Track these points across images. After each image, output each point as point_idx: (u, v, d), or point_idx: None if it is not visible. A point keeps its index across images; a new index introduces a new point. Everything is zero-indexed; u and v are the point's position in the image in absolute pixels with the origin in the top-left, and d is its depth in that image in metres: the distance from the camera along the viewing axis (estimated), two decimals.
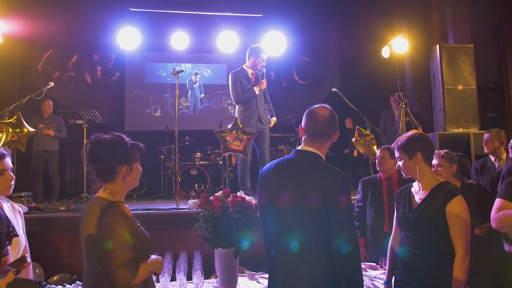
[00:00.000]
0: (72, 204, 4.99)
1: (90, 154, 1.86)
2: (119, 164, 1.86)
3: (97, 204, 1.81)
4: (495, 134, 4.11)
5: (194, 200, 2.76)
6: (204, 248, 2.65)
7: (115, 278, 1.71)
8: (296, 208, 1.82)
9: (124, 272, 1.73)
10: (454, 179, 3.22)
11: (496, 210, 2.22)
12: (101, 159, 1.85)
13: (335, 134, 1.96)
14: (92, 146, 1.86)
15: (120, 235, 1.74)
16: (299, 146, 2.02)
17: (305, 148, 1.93)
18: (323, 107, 1.97)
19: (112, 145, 1.86)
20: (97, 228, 1.73)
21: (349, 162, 7.59)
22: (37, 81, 7.83)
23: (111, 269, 1.71)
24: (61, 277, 3.85)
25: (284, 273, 1.82)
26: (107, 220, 1.74)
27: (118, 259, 1.72)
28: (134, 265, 1.78)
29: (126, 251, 1.75)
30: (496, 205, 2.24)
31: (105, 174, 1.86)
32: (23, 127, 4.89)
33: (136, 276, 1.77)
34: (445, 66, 5.95)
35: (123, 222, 1.77)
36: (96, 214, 1.76)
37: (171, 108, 8.79)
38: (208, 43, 8.12)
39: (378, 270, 3.12)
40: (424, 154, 2.21)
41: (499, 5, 6.93)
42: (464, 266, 2.03)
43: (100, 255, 1.72)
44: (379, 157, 3.61)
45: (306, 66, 9.42)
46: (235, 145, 4.70)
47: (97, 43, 8.36)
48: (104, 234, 1.71)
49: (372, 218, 3.63)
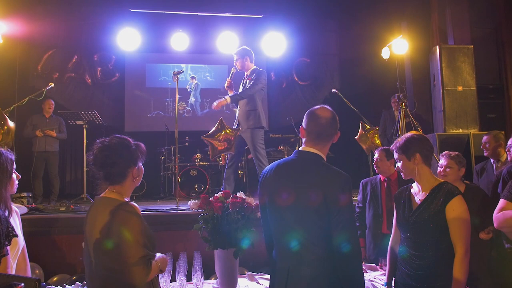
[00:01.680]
0: (72, 205, 4.99)
1: (98, 159, 1.86)
2: (129, 167, 1.89)
3: (107, 204, 1.83)
4: (492, 137, 4.11)
5: (194, 201, 2.76)
6: (204, 249, 2.65)
7: (131, 276, 1.74)
8: (297, 208, 1.82)
9: (140, 270, 1.76)
10: (460, 183, 3.19)
11: (498, 210, 2.27)
12: (111, 164, 1.86)
13: (336, 135, 1.97)
14: (101, 151, 1.86)
15: (134, 234, 1.76)
16: (300, 147, 2.03)
17: (306, 149, 1.94)
18: (324, 108, 1.98)
19: (121, 148, 1.88)
20: (107, 228, 1.75)
21: (350, 163, 7.60)
22: (37, 82, 7.84)
23: (127, 268, 1.74)
24: (60, 278, 3.84)
25: (285, 273, 1.82)
26: (121, 219, 1.76)
27: (133, 257, 1.75)
28: (148, 263, 1.81)
29: (140, 249, 1.77)
30: (499, 205, 2.29)
31: (116, 177, 1.88)
32: (4, 125, 4.66)
33: (150, 273, 1.80)
34: (445, 67, 5.95)
35: (136, 221, 1.80)
36: (106, 214, 1.78)
37: (171, 112, 8.76)
38: (208, 44, 8.13)
39: (378, 271, 3.13)
40: (423, 155, 2.21)
41: (499, 6, 6.95)
42: (464, 267, 2.03)
43: (115, 254, 1.74)
44: (376, 159, 3.62)
45: (306, 67, 9.43)
46: (223, 146, 4.75)
47: (97, 44, 8.37)
48: (118, 233, 1.74)
49: (370, 219, 3.66)
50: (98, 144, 1.88)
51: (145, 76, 8.86)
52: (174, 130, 5.48)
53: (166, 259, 2.00)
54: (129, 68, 8.78)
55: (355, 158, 7.64)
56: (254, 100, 5.17)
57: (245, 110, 5.17)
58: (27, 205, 4.87)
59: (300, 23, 8.23)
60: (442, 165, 3.25)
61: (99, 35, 8.02)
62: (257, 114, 5.16)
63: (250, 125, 5.12)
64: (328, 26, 9.01)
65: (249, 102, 5.16)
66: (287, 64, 9.15)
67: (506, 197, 2.28)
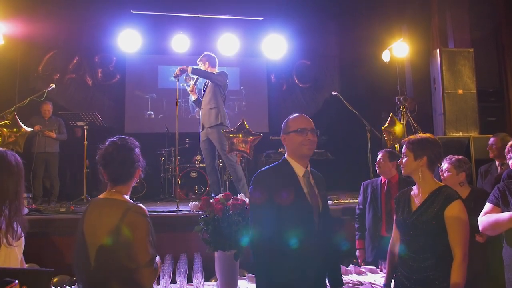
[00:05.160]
0: (72, 205, 4.99)
1: (109, 157, 1.88)
2: (137, 167, 1.93)
3: (111, 205, 1.83)
4: (499, 139, 4.11)
5: (195, 202, 2.77)
6: (204, 250, 2.66)
7: (142, 278, 1.76)
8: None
9: (150, 272, 1.79)
10: (462, 187, 3.18)
11: (483, 213, 2.36)
12: (121, 162, 1.88)
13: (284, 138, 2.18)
14: (111, 150, 1.89)
15: (144, 236, 1.78)
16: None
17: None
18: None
19: (130, 148, 1.92)
20: (117, 229, 1.76)
21: (350, 165, 7.60)
22: (37, 83, 7.84)
23: (138, 270, 1.75)
24: (61, 279, 3.83)
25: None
26: (132, 222, 1.78)
27: (144, 260, 1.76)
28: (155, 264, 1.83)
29: (150, 250, 1.80)
30: (484, 208, 2.38)
31: (124, 177, 1.90)
32: (20, 127, 4.86)
33: (157, 274, 1.84)
34: (445, 70, 5.96)
35: (146, 223, 1.82)
36: (114, 216, 1.78)
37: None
38: (209, 46, 8.10)
39: (378, 273, 3.13)
40: (430, 160, 2.22)
41: (499, 9, 6.96)
42: (462, 270, 2.03)
43: (126, 257, 1.75)
44: (379, 159, 3.63)
45: (306, 69, 9.44)
46: (241, 147, 4.73)
47: (98, 45, 8.38)
48: (128, 234, 1.75)
49: (370, 221, 3.66)
50: (109, 143, 1.91)
51: (144, 76, 8.86)
52: (174, 131, 5.49)
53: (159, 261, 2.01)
54: (129, 70, 8.79)
55: (355, 160, 7.64)
56: (216, 99, 5.31)
57: (207, 109, 5.30)
58: (27, 206, 4.88)
59: (301, 25, 8.24)
60: (442, 169, 3.26)
61: (100, 36, 8.03)
62: (219, 112, 5.26)
63: (212, 122, 5.22)
64: (328, 29, 9.01)
65: (211, 100, 5.31)
66: (287, 67, 9.16)
67: (491, 201, 2.37)
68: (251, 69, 9.03)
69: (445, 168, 3.22)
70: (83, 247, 1.82)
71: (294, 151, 2.13)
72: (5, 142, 4.72)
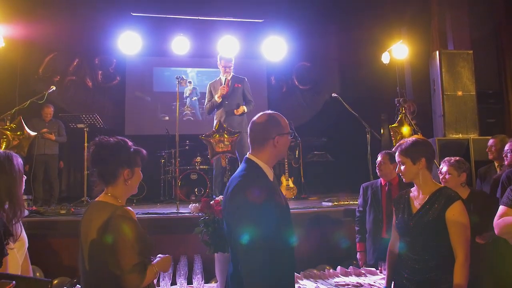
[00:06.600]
0: (72, 207, 5.00)
1: (93, 156, 1.87)
2: (121, 167, 1.87)
3: (100, 208, 1.81)
4: (499, 140, 4.11)
5: (195, 204, 2.77)
6: (205, 252, 2.66)
7: (125, 283, 1.72)
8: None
9: (134, 277, 1.73)
10: (462, 188, 3.19)
11: (498, 216, 2.27)
12: (103, 161, 1.86)
13: (272, 139, 1.92)
14: (96, 148, 1.87)
15: (128, 240, 1.73)
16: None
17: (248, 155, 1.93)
18: (261, 115, 2.01)
19: (116, 148, 1.88)
20: (102, 232, 1.73)
21: (349, 167, 7.61)
22: (38, 85, 7.86)
23: (120, 274, 1.71)
24: (61, 280, 3.84)
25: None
26: (113, 225, 1.73)
27: (128, 265, 1.72)
28: (143, 269, 1.79)
29: (133, 255, 1.75)
30: (499, 211, 2.29)
31: (107, 177, 1.87)
32: (24, 131, 4.90)
33: (144, 280, 1.77)
34: (444, 72, 5.97)
35: (131, 227, 1.77)
36: (101, 219, 1.75)
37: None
38: (209, 48, 8.14)
39: (378, 275, 3.13)
40: (428, 160, 2.23)
41: (498, 11, 6.98)
42: (465, 271, 2.03)
43: (108, 260, 1.72)
44: (379, 161, 3.61)
45: (306, 71, 9.46)
46: (220, 148, 4.76)
47: (98, 47, 8.40)
48: (110, 239, 1.71)
49: (370, 223, 3.65)
50: (96, 140, 1.90)
51: (144, 78, 8.88)
52: (174, 133, 5.49)
53: (168, 258, 1.98)
54: (130, 72, 8.81)
55: (355, 162, 7.64)
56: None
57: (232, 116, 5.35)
58: (28, 208, 4.88)
59: (301, 27, 8.26)
60: (442, 172, 3.26)
61: (100, 38, 8.04)
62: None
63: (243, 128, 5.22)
64: (328, 31, 9.03)
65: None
66: (287, 69, 9.18)
67: (505, 204, 2.28)
68: (251, 71, 9.00)
69: (445, 171, 3.22)
70: (80, 249, 1.83)
71: (278, 155, 1.98)
72: (10, 145, 4.74)
